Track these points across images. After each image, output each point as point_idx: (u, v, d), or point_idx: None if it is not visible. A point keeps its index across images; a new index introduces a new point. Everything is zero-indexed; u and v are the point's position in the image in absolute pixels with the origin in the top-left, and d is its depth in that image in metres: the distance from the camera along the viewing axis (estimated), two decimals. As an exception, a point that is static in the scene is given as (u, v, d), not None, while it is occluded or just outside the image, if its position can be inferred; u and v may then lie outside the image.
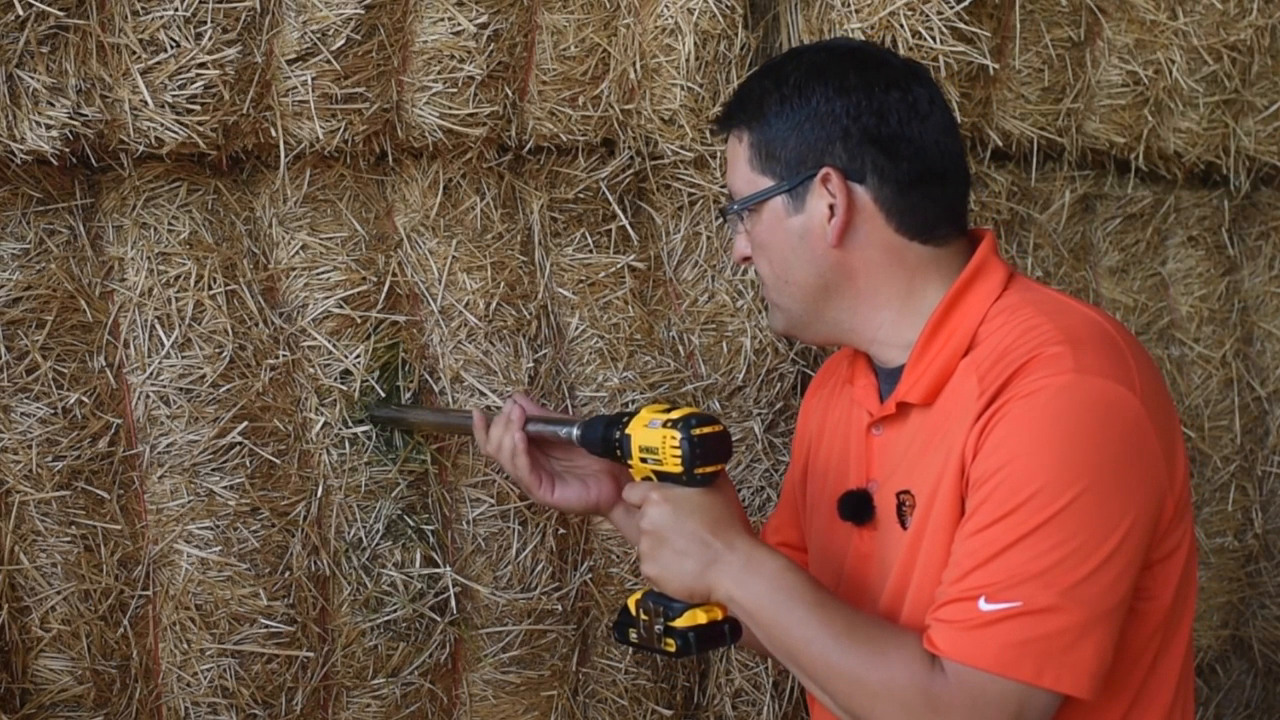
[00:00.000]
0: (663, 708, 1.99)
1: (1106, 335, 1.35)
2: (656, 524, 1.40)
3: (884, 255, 1.45)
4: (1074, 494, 1.25)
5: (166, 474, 1.69)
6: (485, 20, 1.80)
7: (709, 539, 1.38)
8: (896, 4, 1.92)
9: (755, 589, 1.35)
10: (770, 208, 1.47)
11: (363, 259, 1.82)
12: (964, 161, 1.50)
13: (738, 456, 2.03)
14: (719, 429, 1.39)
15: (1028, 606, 1.24)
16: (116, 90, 1.63)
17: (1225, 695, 2.68)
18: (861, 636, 1.31)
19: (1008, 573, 1.25)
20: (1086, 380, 1.28)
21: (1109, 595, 1.26)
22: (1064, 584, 1.24)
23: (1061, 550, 1.24)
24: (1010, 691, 1.24)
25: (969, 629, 1.26)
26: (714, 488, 1.41)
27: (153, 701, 1.70)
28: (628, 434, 1.43)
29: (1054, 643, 1.24)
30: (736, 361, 2.04)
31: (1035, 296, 1.42)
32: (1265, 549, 2.62)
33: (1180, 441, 1.36)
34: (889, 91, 1.43)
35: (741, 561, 1.36)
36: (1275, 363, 2.60)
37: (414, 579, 1.79)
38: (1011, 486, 1.27)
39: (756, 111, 1.47)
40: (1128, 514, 1.27)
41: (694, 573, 1.38)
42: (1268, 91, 2.42)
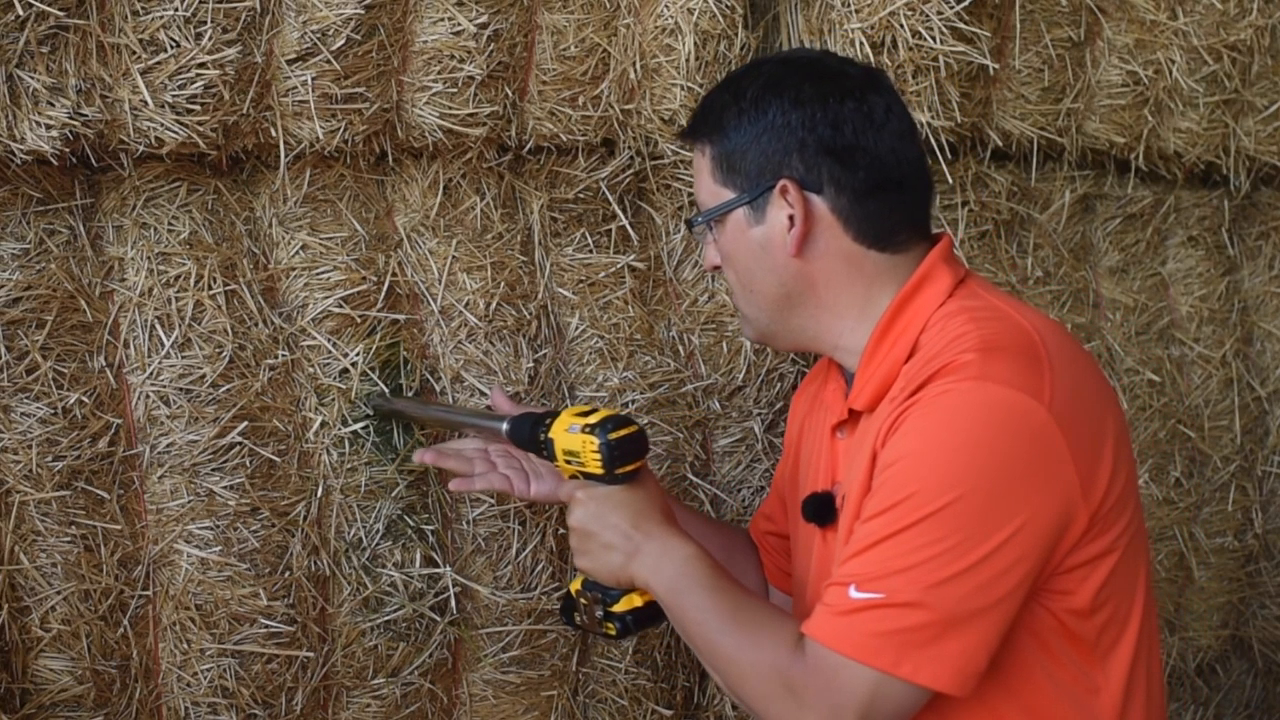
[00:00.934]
0: (663, 708, 1.99)
1: (1028, 346, 1.37)
2: (583, 521, 1.52)
3: (843, 264, 1.48)
4: (952, 497, 1.28)
5: (166, 474, 1.69)
6: (485, 20, 1.80)
7: (631, 532, 1.48)
8: (896, 4, 1.92)
9: (665, 575, 1.46)
10: (733, 219, 1.51)
11: (363, 259, 1.82)
12: (923, 167, 1.53)
13: (738, 456, 2.04)
14: (634, 429, 1.50)
15: (890, 599, 1.28)
16: (116, 90, 1.63)
17: (1225, 695, 2.68)
18: (742, 619, 1.39)
19: (878, 565, 1.30)
20: (984, 387, 1.31)
21: (977, 597, 1.29)
22: (928, 582, 1.28)
23: (931, 550, 1.28)
24: (866, 677, 1.29)
25: (837, 614, 1.32)
26: (635, 482, 1.51)
27: (153, 701, 1.70)
28: (551, 438, 1.53)
29: (915, 636, 1.28)
30: (736, 361, 2.04)
31: (975, 304, 1.44)
32: (1265, 549, 2.62)
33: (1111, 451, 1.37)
34: (844, 102, 1.46)
35: (658, 551, 1.47)
36: (1275, 363, 2.60)
37: (414, 579, 1.79)
38: (896, 484, 1.31)
39: (717, 125, 1.51)
40: (1013, 520, 1.29)
41: (619, 564, 1.49)
42: (1268, 91, 2.42)
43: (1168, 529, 2.44)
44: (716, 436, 2.05)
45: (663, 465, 1.97)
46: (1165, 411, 2.43)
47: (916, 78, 1.97)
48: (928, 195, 1.54)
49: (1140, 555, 1.44)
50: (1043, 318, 1.45)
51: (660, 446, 1.97)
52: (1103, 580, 1.37)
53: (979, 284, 1.49)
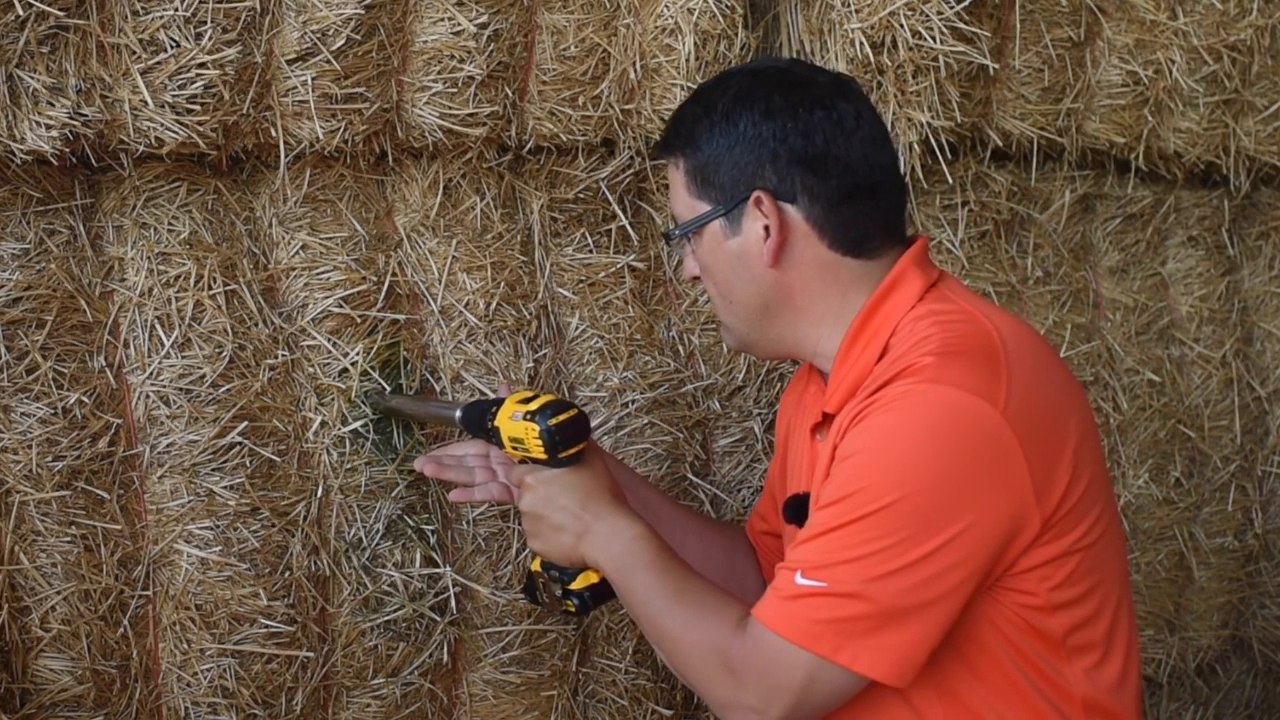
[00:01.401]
0: (663, 708, 1.99)
1: (988, 350, 1.39)
2: (533, 506, 1.55)
3: (818, 272, 1.50)
4: (896, 496, 1.31)
5: (166, 474, 1.69)
6: (485, 20, 1.80)
7: (579, 513, 1.52)
8: (896, 4, 1.92)
9: (613, 554, 1.49)
10: (710, 231, 1.53)
11: (363, 259, 1.82)
12: (896, 172, 1.55)
13: (738, 456, 2.04)
14: (574, 413, 1.53)
15: (832, 589, 1.32)
16: (116, 90, 1.63)
17: (1225, 695, 2.68)
18: (687, 599, 1.43)
19: (823, 554, 1.34)
20: (938, 390, 1.34)
21: (917, 593, 1.32)
22: (868, 575, 1.31)
23: (873, 545, 1.31)
24: (804, 661, 1.33)
25: (782, 599, 1.36)
26: (581, 464, 1.55)
27: (153, 701, 1.70)
28: (497, 426, 1.57)
29: (854, 626, 1.32)
30: (736, 361, 2.04)
31: (943, 307, 1.46)
32: (1265, 549, 2.62)
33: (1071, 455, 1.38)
34: (813, 111, 1.47)
35: (606, 530, 1.50)
36: (1275, 363, 2.60)
37: (414, 579, 1.79)
38: (847, 478, 1.35)
39: (689, 138, 1.53)
40: (958, 522, 1.32)
41: (570, 544, 1.53)
42: (1268, 91, 2.42)
43: (1168, 529, 2.45)
44: (716, 436, 2.05)
45: (663, 465, 1.97)
46: (1165, 411, 2.43)
47: (916, 78, 1.97)
48: (901, 200, 1.56)
49: (1111, 557, 1.45)
50: (1012, 321, 1.46)
51: (660, 446, 1.97)
52: (1062, 581, 1.39)
53: (951, 287, 1.51)
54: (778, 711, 1.36)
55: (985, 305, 1.48)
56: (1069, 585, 1.40)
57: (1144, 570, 2.43)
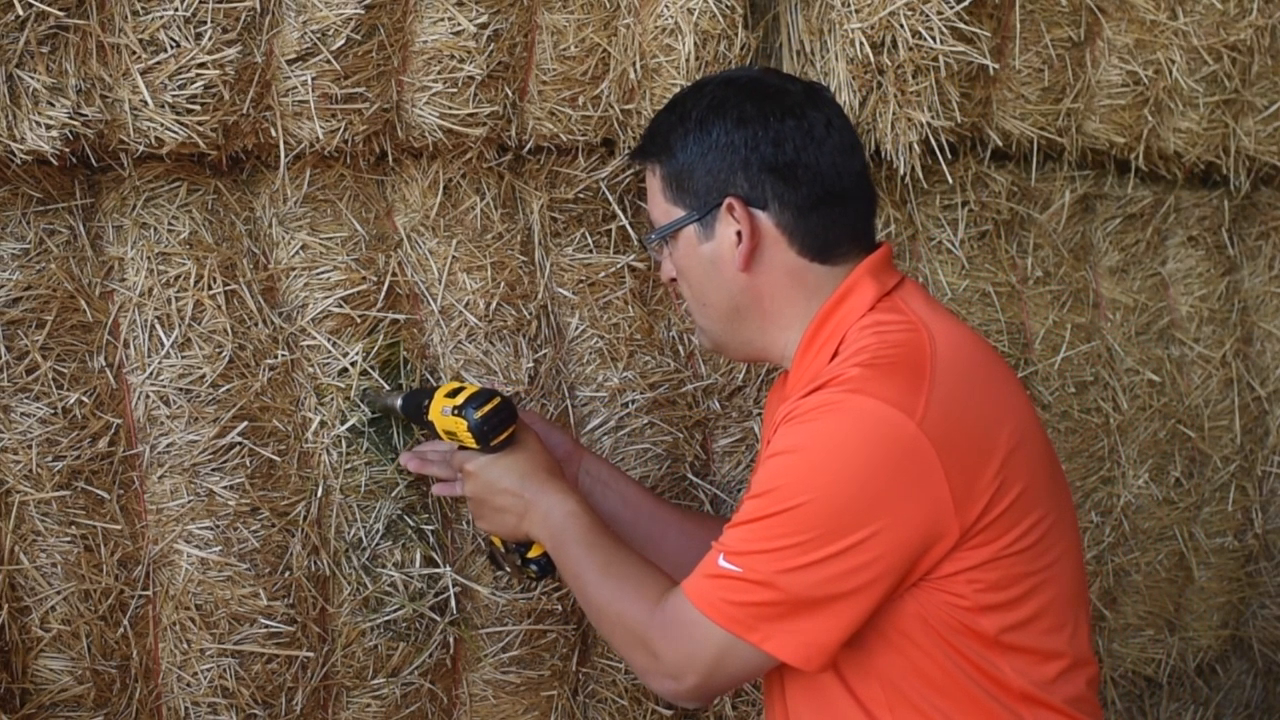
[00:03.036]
0: (663, 708, 1.99)
1: (915, 360, 1.43)
2: (476, 492, 1.64)
3: (787, 278, 1.54)
4: (806, 498, 1.39)
5: (166, 474, 1.69)
6: (485, 20, 1.80)
7: (518, 493, 1.60)
8: (896, 4, 1.92)
9: (550, 531, 1.58)
10: (684, 236, 1.58)
11: (363, 259, 1.82)
12: (865, 180, 1.59)
13: (738, 456, 2.04)
14: (498, 401, 1.60)
15: (747, 575, 1.40)
16: (116, 90, 1.63)
17: (1225, 695, 2.68)
18: (614, 573, 1.52)
19: (742, 542, 1.42)
20: (856, 400, 1.40)
21: (825, 587, 1.39)
22: (779, 567, 1.39)
23: (785, 540, 1.39)
24: (718, 636, 1.42)
25: (706, 576, 1.44)
26: (515, 445, 1.63)
27: (153, 701, 1.70)
28: (431, 420, 1.65)
29: (765, 611, 1.40)
30: (736, 361, 2.04)
31: (889, 318, 1.50)
32: (1265, 549, 2.62)
33: (994, 469, 1.41)
34: (784, 120, 1.52)
35: (543, 509, 1.58)
36: (1275, 363, 2.60)
37: (414, 579, 1.79)
38: (769, 474, 1.43)
39: (664, 146, 1.58)
40: (867, 526, 1.38)
41: (513, 524, 1.62)
42: (1268, 91, 2.42)
43: (1168, 529, 2.45)
44: (716, 436, 2.05)
45: (663, 465, 1.97)
46: (1165, 411, 2.43)
47: (916, 78, 1.97)
48: (870, 207, 1.60)
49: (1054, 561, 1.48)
50: (955, 333, 1.50)
51: (660, 446, 1.97)
52: (992, 584, 1.43)
53: (906, 295, 1.54)
54: (691, 680, 1.44)
55: (934, 314, 1.52)
56: (999, 589, 1.44)
57: (1144, 570, 2.43)
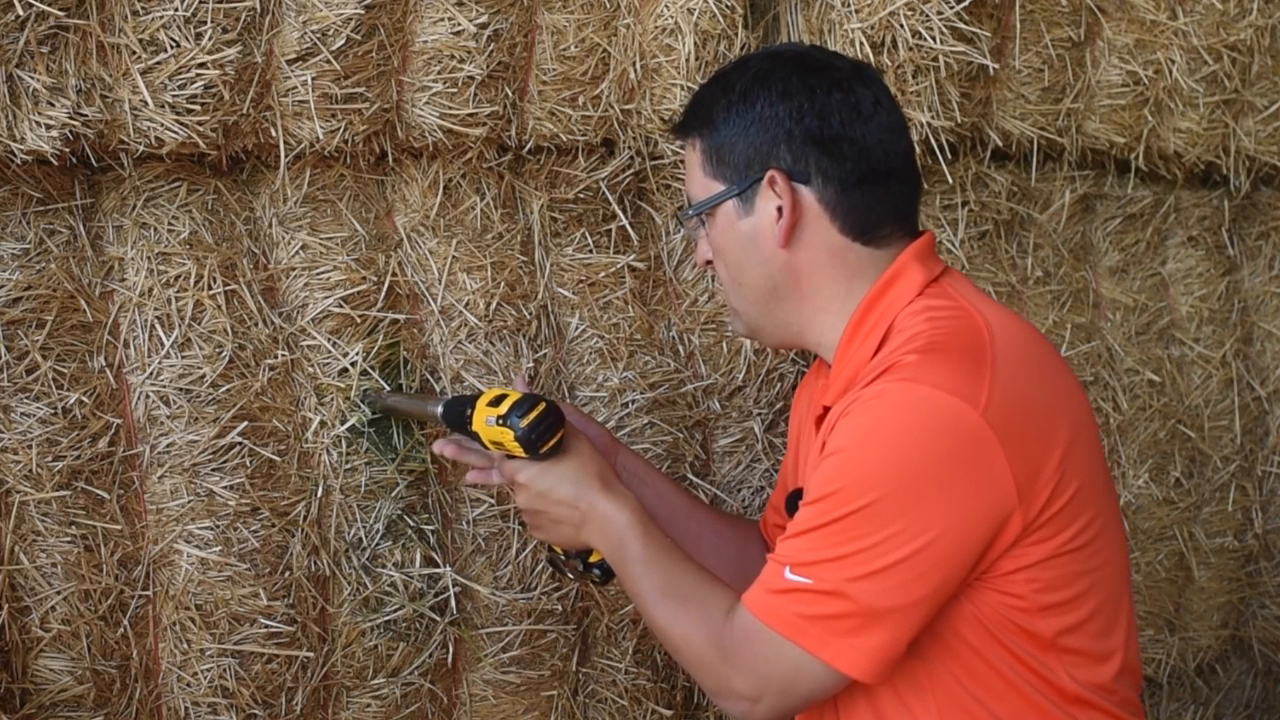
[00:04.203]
0: (663, 708, 1.99)
1: (975, 348, 1.38)
2: (530, 503, 1.58)
3: (828, 257, 1.49)
4: (875, 496, 1.32)
5: (166, 474, 1.69)
6: (485, 20, 1.80)
7: (574, 503, 1.54)
8: (896, 4, 1.92)
9: (609, 543, 1.52)
10: (723, 211, 1.53)
11: (363, 259, 1.82)
12: (911, 161, 1.54)
13: (738, 456, 2.04)
14: (543, 407, 1.54)
15: (817, 586, 1.35)
16: (116, 90, 1.63)
17: (1225, 695, 2.68)
18: (674, 592, 1.46)
19: (809, 551, 1.36)
20: (918, 390, 1.34)
21: (897, 594, 1.33)
22: (851, 574, 1.33)
23: (856, 544, 1.33)
24: (793, 654, 1.36)
25: (772, 591, 1.38)
26: (566, 451, 1.56)
27: (153, 701, 1.70)
28: (476, 431, 1.58)
29: (837, 624, 1.34)
30: (736, 361, 2.04)
31: (939, 303, 1.45)
32: (1265, 549, 2.62)
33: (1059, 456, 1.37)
34: (831, 94, 1.47)
35: (600, 520, 1.53)
36: (1275, 363, 2.60)
37: (414, 579, 1.79)
38: (829, 475, 1.37)
39: (706, 118, 1.53)
40: (937, 524, 1.32)
41: (570, 535, 1.56)
42: (1268, 91, 2.42)
43: (1168, 529, 2.45)
44: (716, 436, 2.05)
45: (663, 465, 1.97)
46: (1165, 411, 2.43)
47: (916, 78, 1.97)
48: (915, 189, 1.55)
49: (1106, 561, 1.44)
50: (1010, 320, 1.46)
51: (660, 446, 1.97)
52: (1049, 584, 1.39)
53: (954, 282, 1.50)
54: (769, 702, 1.39)
55: (985, 302, 1.48)
56: (1056, 589, 1.39)
57: (1144, 570, 2.43)
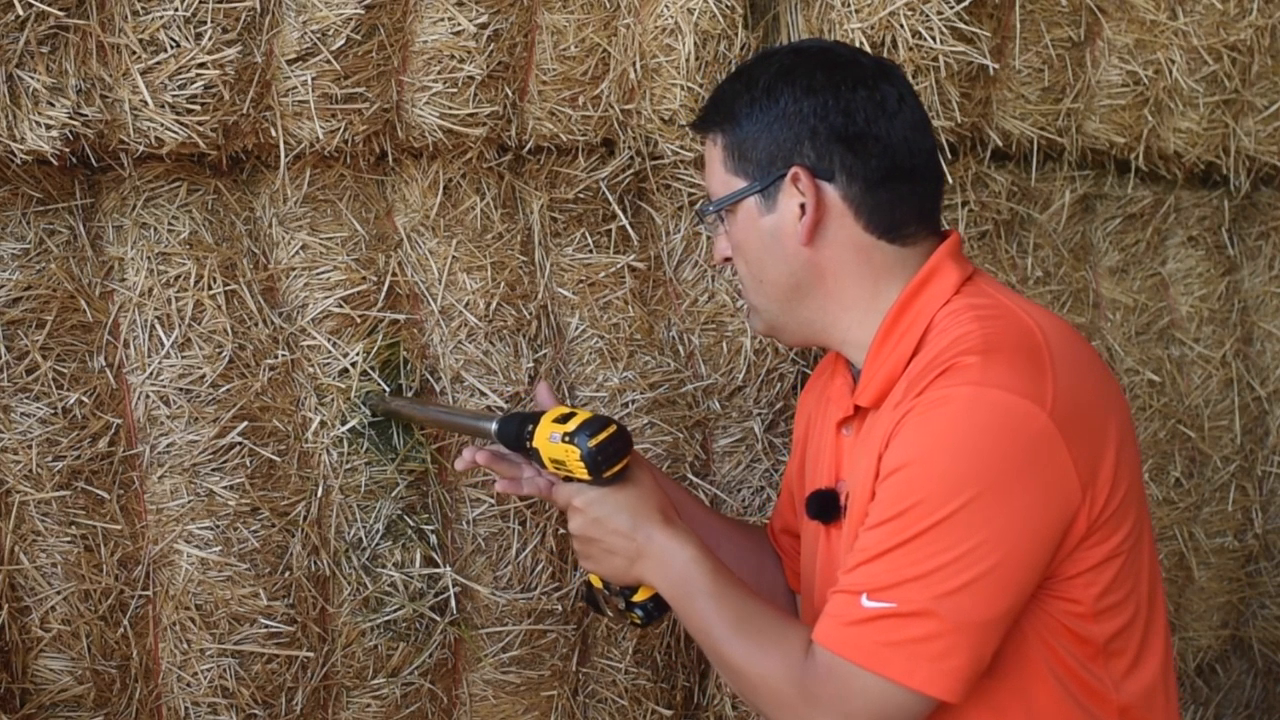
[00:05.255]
0: (663, 708, 1.99)
1: (1030, 346, 1.36)
2: (583, 530, 1.51)
3: (852, 254, 1.47)
4: (957, 505, 1.28)
5: (166, 474, 1.69)
6: (485, 20, 1.80)
7: (630, 534, 1.48)
8: (896, 4, 1.92)
9: (670, 579, 1.46)
10: (744, 208, 1.50)
11: (363, 259, 1.82)
12: (935, 159, 1.52)
13: (738, 456, 2.04)
14: (613, 430, 1.47)
15: (902, 609, 1.28)
16: (116, 90, 1.63)
17: (1225, 695, 2.68)
18: (748, 629, 1.39)
19: (888, 574, 1.30)
20: (986, 393, 1.30)
21: (986, 606, 1.29)
22: (939, 591, 1.28)
23: (941, 558, 1.28)
24: (879, 687, 1.29)
25: (848, 624, 1.31)
26: (628, 480, 1.50)
27: (153, 701, 1.70)
28: (536, 447, 1.51)
29: (926, 647, 1.28)
30: (736, 361, 2.04)
31: (981, 301, 1.43)
32: (1265, 549, 2.62)
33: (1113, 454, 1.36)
34: (856, 90, 1.45)
35: (658, 554, 1.47)
36: (1275, 363, 2.60)
37: (414, 579, 1.79)
38: (900, 491, 1.31)
39: (728, 114, 1.50)
40: (1015, 530, 1.29)
41: (623, 567, 1.50)
42: (1268, 91, 2.42)
43: (1168, 529, 2.44)
44: (716, 436, 2.05)
45: (663, 465, 1.96)
46: (1165, 411, 2.43)
47: (916, 78, 1.97)
48: (938, 188, 1.53)
49: (1149, 558, 1.43)
50: (1050, 317, 1.43)
51: (660, 447, 1.97)
52: (1106, 586, 1.37)
53: (986, 281, 1.48)
54: None
55: (1023, 300, 1.45)
56: (1111, 591, 1.37)
57: (1144, 570, 2.43)
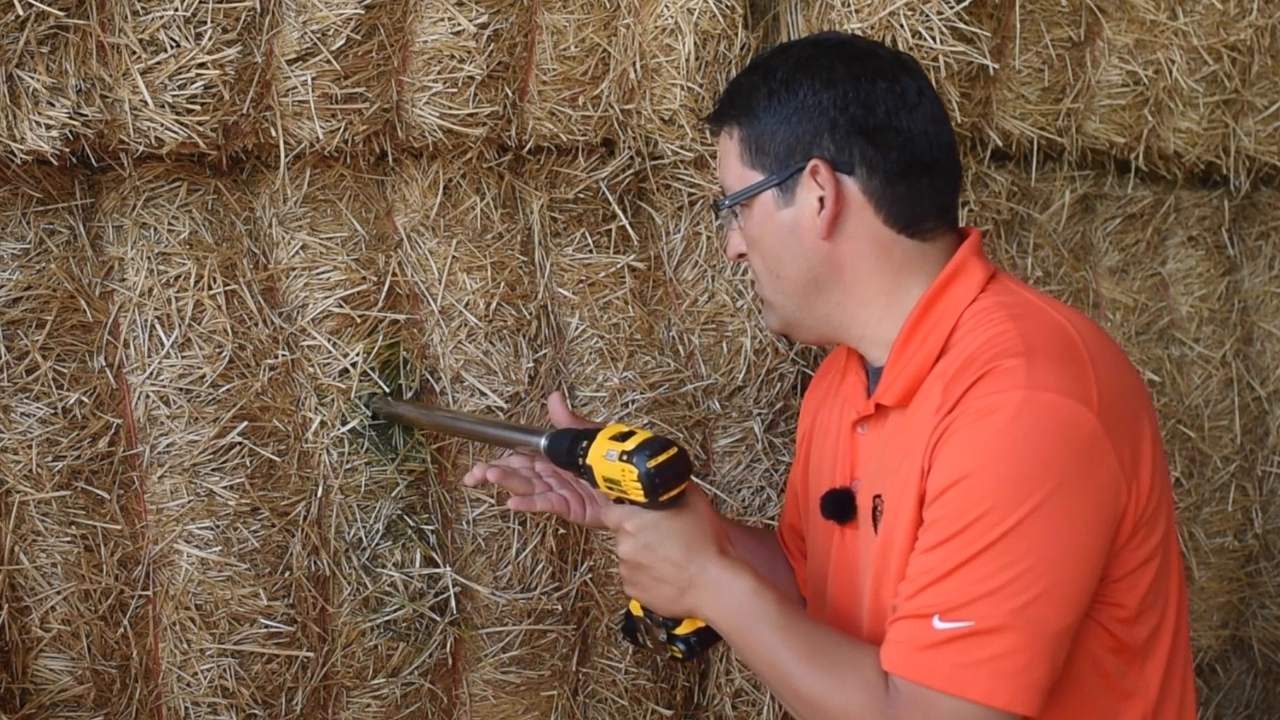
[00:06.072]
0: (663, 708, 1.99)
1: (1069, 345, 1.34)
2: (633, 554, 1.43)
3: (872, 248, 1.45)
4: (1023, 514, 1.25)
5: (166, 474, 1.69)
6: (485, 20, 1.80)
7: (683, 563, 1.41)
8: (896, 4, 1.92)
9: (726, 612, 1.39)
10: (761, 202, 1.48)
11: (363, 259, 1.82)
12: (954, 153, 1.49)
13: (738, 456, 2.04)
14: (674, 452, 1.40)
15: (979, 626, 1.25)
16: (116, 90, 1.63)
17: (1225, 695, 2.68)
18: (822, 660, 1.33)
19: (960, 592, 1.26)
20: (1039, 397, 1.27)
21: (1061, 615, 1.27)
22: (1015, 604, 1.24)
23: (1012, 570, 1.25)
24: (964, 710, 1.25)
25: (923, 648, 1.27)
26: (683, 506, 1.43)
27: (153, 701, 1.70)
28: (589, 464, 1.44)
29: (1006, 663, 1.25)
30: (736, 361, 2.04)
31: (1009, 299, 1.41)
32: (1265, 549, 2.62)
33: (1149, 451, 1.35)
34: (876, 82, 1.43)
35: (713, 586, 1.40)
36: (1275, 363, 2.60)
37: (414, 579, 1.79)
38: (962, 505, 1.27)
39: (745, 107, 1.48)
40: (1079, 534, 1.27)
41: (672, 596, 1.42)
42: (1268, 91, 2.42)
43: (1168, 529, 2.45)
44: (716, 436, 2.05)
45: (663, 465, 1.96)
46: (1165, 411, 2.43)
47: (916, 78, 1.97)
48: (957, 183, 1.51)
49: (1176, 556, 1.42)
50: (1077, 314, 1.42)
51: (660, 446, 1.96)
52: (1148, 587, 1.35)
53: (1011, 280, 1.47)
54: None
55: (1049, 298, 1.44)
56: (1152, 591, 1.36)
57: (1144, 570, 2.43)
